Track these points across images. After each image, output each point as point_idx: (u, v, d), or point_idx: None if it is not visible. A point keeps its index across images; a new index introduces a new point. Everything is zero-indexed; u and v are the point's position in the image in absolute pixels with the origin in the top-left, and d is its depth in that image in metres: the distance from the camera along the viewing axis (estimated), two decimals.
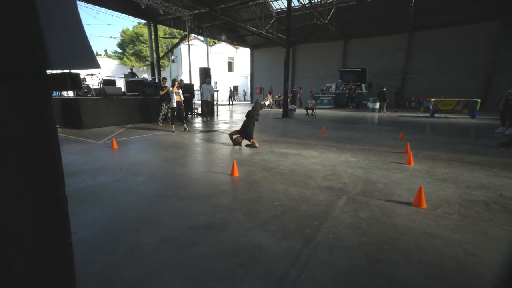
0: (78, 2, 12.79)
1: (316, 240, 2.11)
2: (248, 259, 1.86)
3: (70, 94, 11.49)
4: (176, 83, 7.79)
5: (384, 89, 15.20)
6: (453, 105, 12.47)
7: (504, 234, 2.18)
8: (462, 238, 2.12)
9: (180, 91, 7.73)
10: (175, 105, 7.57)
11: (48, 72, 0.53)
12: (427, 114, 13.08)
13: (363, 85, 19.06)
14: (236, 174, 3.74)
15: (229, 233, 2.20)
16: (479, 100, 11.94)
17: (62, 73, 0.54)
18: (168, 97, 9.32)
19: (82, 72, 13.62)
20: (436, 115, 12.65)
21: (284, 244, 2.05)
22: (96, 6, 13.96)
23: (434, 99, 12.80)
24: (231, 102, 24.57)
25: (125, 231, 2.24)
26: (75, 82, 0.54)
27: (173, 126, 7.78)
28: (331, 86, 20.06)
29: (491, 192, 3.10)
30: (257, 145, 5.65)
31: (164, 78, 9.74)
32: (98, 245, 2.02)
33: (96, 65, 0.66)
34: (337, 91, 19.55)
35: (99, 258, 1.87)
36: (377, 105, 15.65)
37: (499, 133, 7.42)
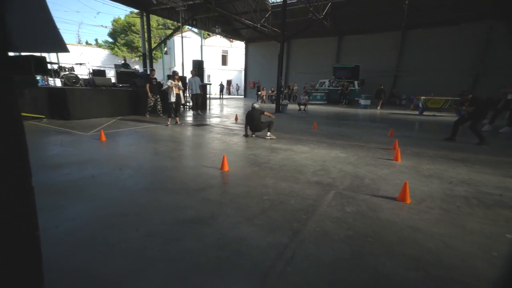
0: None
1: (303, 234, 2.14)
2: (234, 253, 1.88)
3: (58, 83, 11.17)
4: (176, 75, 7.54)
5: (382, 87, 15.41)
6: (442, 103, 12.74)
7: (480, 228, 2.27)
8: (442, 232, 2.19)
9: (180, 83, 7.54)
10: (173, 99, 7.30)
11: (10, 54, 0.50)
12: (417, 112, 13.32)
13: (355, 82, 19.20)
14: (226, 168, 3.74)
15: (216, 227, 2.21)
16: None
17: (26, 55, 0.52)
18: (155, 89, 9.17)
19: (71, 62, 13.22)
20: (425, 113, 12.89)
21: (271, 238, 2.08)
22: None
23: (424, 97, 13.03)
24: (221, 96, 24.59)
25: (111, 224, 2.22)
26: (41, 66, 0.52)
27: (170, 119, 7.59)
28: (324, 82, 20.12)
29: (471, 188, 3.21)
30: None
31: (153, 70, 9.55)
32: (82, 239, 2.00)
33: (63, 48, 0.63)
34: (330, 87, 19.64)
35: (82, 252, 1.85)
36: (368, 102, 15.82)
37: (504, 134, 7.51)
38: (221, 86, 25.10)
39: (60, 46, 0.59)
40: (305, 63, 23.32)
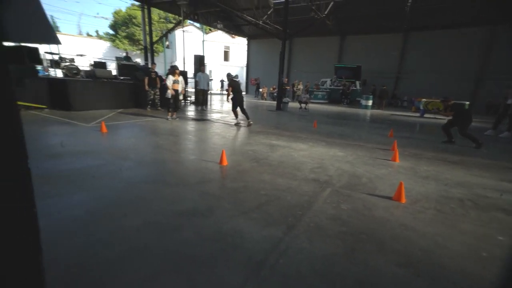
0: None
1: (298, 229, 2.18)
2: (229, 245, 1.91)
3: (59, 74, 11.15)
4: (177, 70, 7.53)
5: (384, 87, 15.48)
6: (442, 106, 12.74)
7: (471, 229, 2.31)
8: (434, 231, 2.23)
9: (180, 78, 7.53)
10: (169, 95, 7.31)
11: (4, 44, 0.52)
12: (418, 114, 13.34)
13: (357, 82, 19.18)
14: (225, 163, 3.78)
15: (213, 220, 2.25)
16: (468, 102, 12.23)
17: (19, 45, 0.54)
18: (154, 82, 9.17)
19: (72, 53, 13.18)
20: (426, 115, 12.92)
21: (266, 232, 2.12)
22: None
23: (425, 100, 13.04)
24: (222, 92, 24.65)
25: (110, 214, 2.25)
26: (34, 56, 0.55)
27: (169, 113, 7.59)
28: (326, 81, 20.10)
29: (467, 190, 3.25)
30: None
31: (153, 64, 9.55)
32: (80, 226, 2.04)
33: (55, 40, 0.65)
34: (332, 87, 19.62)
35: (81, 238, 1.89)
36: (370, 102, 15.83)
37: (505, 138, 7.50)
38: (222, 82, 25.11)
39: (51, 37, 0.62)
40: (307, 61, 23.25)
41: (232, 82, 7.18)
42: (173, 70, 7.57)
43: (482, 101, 16.39)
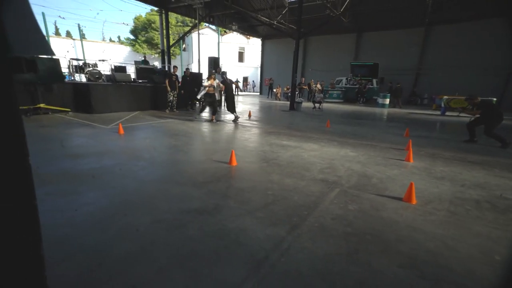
0: None
1: (301, 229, 2.19)
2: (233, 242, 1.97)
3: (83, 79, 11.79)
4: (213, 75, 7.73)
5: (399, 85, 15.00)
6: (466, 104, 12.08)
7: (487, 231, 2.20)
8: (445, 233, 2.16)
9: (216, 82, 7.64)
10: (200, 97, 7.68)
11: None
12: (439, 112, 12.75)
13: (374, 80, 18.64)
14: (234, 163, 3.84)
15: (218, 218, 2.32)
16: (495, 99, 11.52)
17: (18, 57, 0.61)
18: (174, 85, 9.45)
19: (95, 59, 13.89)
20: (448, 113, 12.32)
21: (270, 231, 2.15)
22: None
23: (446, 97, 12.44)
24: (236, 93, 24.84)
25: (122, 211, 2.38)
26: (32, 66, 0.62)
27: (213, 116, 7.97)
28: (341, 80, 19.70)
29: (485, 192, 3.09)
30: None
31: (175, 67, 9.84)
32: (94, 222, 2.17)
33: (49, 52, 0.72)
34: (347, 85, 19.20)
35: (94, 234, 2.02)
36: (387, 101, 15.34)
37: None
38: (237, 82, 25.32)
39: (45, 49, 0.69)
40: (322, 60, 22.91)
41: (225, 82, 7.72)
42: (210, 75, 7.79)
43: None
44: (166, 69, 15.41)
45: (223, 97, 10.21)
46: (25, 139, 0.60)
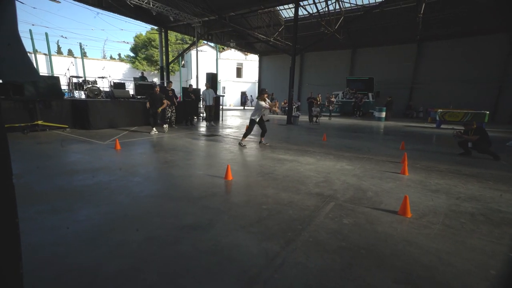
0: (92, 8, 13.21)
1: (295, 244, 2.17)
2: (225, 258, 1.94)
3: (82, 96, 11.95)
4: (265, 93, 6.57)
5: (390, 99, 15.31)
6: (461, 116, 12.27)
7: (481, 244, 2.19)
8: (440, 247, 2.14)
9: (267, 102, 6.49)
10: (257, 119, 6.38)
11: None
12: (434, 125, 12.91)
13: (369, 94, 18.99)
14: (230, 177, 3.84)
15: (212, 234, 2.29)
16: (488, 112, 11.72)
17: (6, 83, 0.65)
18: (172, 100, 9.54)
19: (93, 75, 14.14)
20: (442, 126, 12.47)
21: (263, 246, 2.12)
22: (111, 13, 14.53)
23: (441, 110, 12.64)
24: (244, 107, 25.78)
25: (114, 228, 2.36)
26: (18, 91, 0.65)
27: (262, 139, 6.81)
28: (338, 94, 20.05)
29: (480, 204, 3.09)
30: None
31: (170, 82, 10.00)
32: (86, 240, 2.14)
33: (35, 76, 0.76)
34: (344, 99, 19.52)
35: (86, 252, 1.99)
36: (383, 114, 15.57)
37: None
38: (244, 96, 26.05)
39: (33, 74, 0.72)
40: (318, 75, 23.42)
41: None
42: (262, 93, 6.64)
43: (504, 109, 15.67)
44: (165, 85, 15.66)
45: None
46: (9, 159, 0.62)
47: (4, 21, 0.62)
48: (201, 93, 11.33)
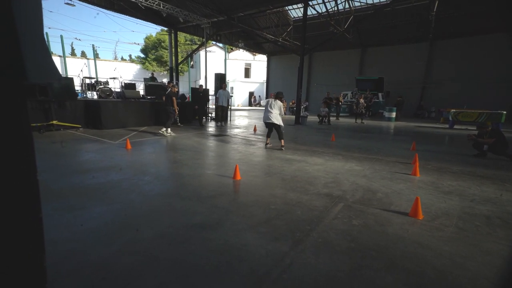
0: (104, 11, 13.51)
1: (304, 244, 2.17)
2: (234, 258, 1.95)
3: (95, 96, 12.25)
4: (280, 97, 6.45)
5: (399, 98, 15.06)
6: (475, 116, 11.92)
7: (498, 248, 2.13)
8: (453, 250, 2.09)
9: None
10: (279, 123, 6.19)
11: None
12: (447, 125, 12.60)
13: (379, 94, 18.68)
14: (238, 177, 3.86)
15: (221, 233, 2.31)
16: (505, 112, 11.33)
17: (32, 84, 0.68)
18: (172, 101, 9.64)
19: (105, 76, 14.46)
20: (456, 126, 12.15)
21: (272, 246, 2.13)
22: (121, 15, 14.84)
23: (454, 110, 12.31)
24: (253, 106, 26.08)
25: (126, 226, 2.41)
26: (43, 91, 0.68)
27: (282, 141, 6.29)
28: (347, 94, 19.82)
29: (496, 207, 3.00)
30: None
31: (169, 82, 10.16)
32: (99, 237, 2.20)
33: (58, 77, 0.77)
34: (353, 99, 19.25)
35: (98, 249, 2.04)
36: (393, 114, 15.29)
37: None
38: (253, 96, 26.09)
39: (55, 75, 0.75)
40: (327, 75, 23.20)
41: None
42: (279, 96, 6.60)
43: None
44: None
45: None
46: (34, 157, 0.65)
47: (31, 21, 0.65)
48: (215, 93, 11.44)
